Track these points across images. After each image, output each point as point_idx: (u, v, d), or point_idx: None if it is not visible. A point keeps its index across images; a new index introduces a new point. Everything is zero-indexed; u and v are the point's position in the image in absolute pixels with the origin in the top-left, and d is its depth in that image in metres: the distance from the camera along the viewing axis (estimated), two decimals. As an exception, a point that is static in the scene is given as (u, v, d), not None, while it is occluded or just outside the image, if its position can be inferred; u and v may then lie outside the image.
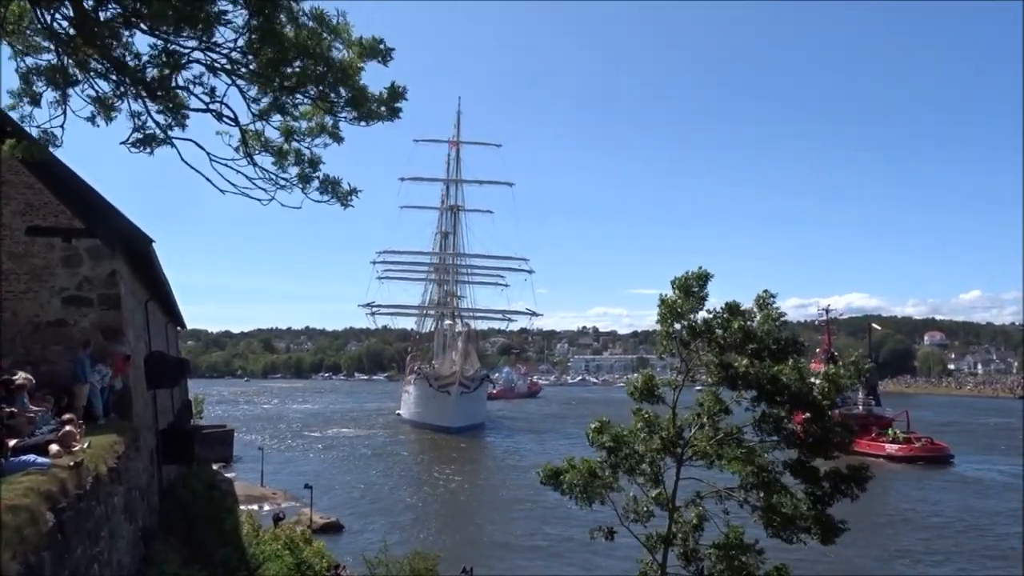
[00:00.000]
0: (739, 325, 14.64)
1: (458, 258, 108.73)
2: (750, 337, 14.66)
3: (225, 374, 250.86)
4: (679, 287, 15.31)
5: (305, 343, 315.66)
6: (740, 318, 14.79)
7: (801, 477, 14.58)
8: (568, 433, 77.16)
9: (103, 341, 14.91)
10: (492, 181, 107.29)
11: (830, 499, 14.36)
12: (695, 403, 15.48)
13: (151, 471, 17.90)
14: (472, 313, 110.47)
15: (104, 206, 14.95)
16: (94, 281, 15.05)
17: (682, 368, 15.75)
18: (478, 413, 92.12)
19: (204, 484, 24.87)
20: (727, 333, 14.81)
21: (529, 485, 48.33)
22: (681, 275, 15.39)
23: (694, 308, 15.21)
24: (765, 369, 14.48)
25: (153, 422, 19.71)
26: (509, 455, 66.24)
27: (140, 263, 17.40)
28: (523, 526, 38.78)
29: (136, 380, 16.73)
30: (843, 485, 14.35)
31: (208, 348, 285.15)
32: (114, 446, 11.18)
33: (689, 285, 15.23)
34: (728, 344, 14.84)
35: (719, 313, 15.07)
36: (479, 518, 41.33)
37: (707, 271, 15.38)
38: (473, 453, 68.93)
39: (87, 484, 8.41)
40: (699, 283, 15.26)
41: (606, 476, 15.42)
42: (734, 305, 15.07)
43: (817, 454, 14.64)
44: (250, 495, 39.35)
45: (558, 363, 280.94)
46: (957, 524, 39.34)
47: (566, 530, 35.62)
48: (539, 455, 60.59)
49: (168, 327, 29.48)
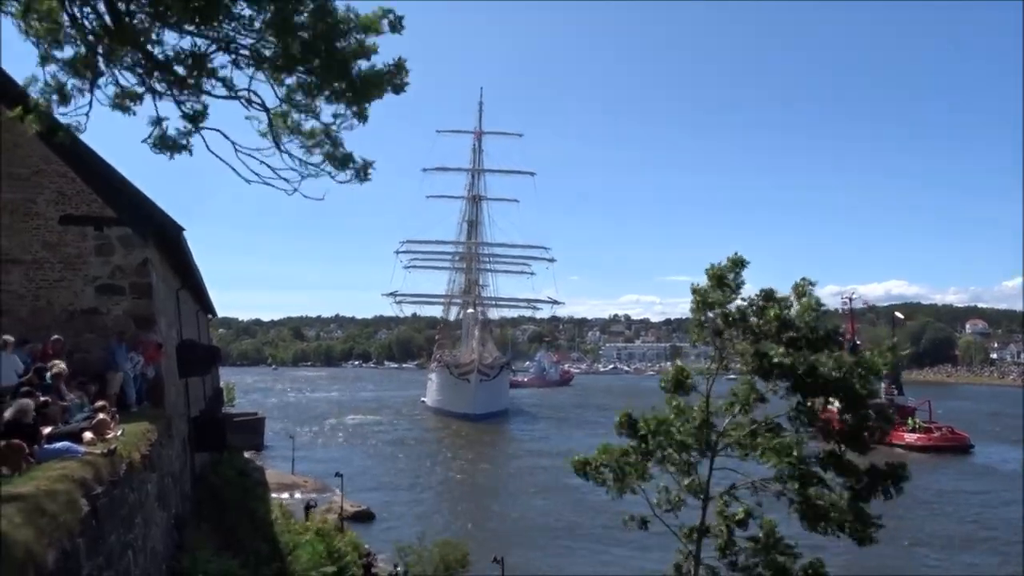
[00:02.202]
0: (775, 313, 14.47)
1: (480, 247, 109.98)
2: (787, 326, 14.48)
3: (256, 362, 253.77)
4: (712, 276, 15.16)
5: (335, 331, 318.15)
6: (776, 306, 14.61)
7: (837, 470, 14.41)
8: (593, 421, 77.37)
9: (135, 329, 15.12)
10: (514, 171, 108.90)
11: (868, 494, 14.17)
12: (729, 393, 15.37)
13: (183, 458, 18.17)
14: (494, 301, 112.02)
15: (135, 194, 15.12)
16: (126, 270, 15.25)
17: (716, 357, 15.63)
18: (499, 400, 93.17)
19: (235, 471, 25.24)
20: (762, 321, 14.65)
21: (553, 473, 48.64)
22: (715, 264, 15.24)
23: (728, 298, 15.06)
24: (801, 359, 14.31)
25: (185, 410, 19.99)
26: (531, 443, 66.50)
27: (171, 251, 17.60)
28: (549, 514, 38.95)
29: (168, 368, 16.95)
30: (881, 481, 14.15)
31: (239, 336, 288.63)
32: (147, 434, 11.34)
33: (723, 274, 15.07)
34: (763, 333, 14.68)
35: (754, 300, 14.91)
36: (504, 506, 41.61)
37: (742, 257, 15.21)
38: (494, 440, 69.36)
39: (121, 471, 8.54)
40: (734, 270, 15.09)
41: (637, 461, 15.37)
42: (769, 292, 14.89)
43: (854, 447, 14.45)
44: (281, 483, 39.85)
45: (589, 351, 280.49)
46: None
47: (593, 518, 35.73)
48: (562, 443, 60.97)
49: (199, 315, 29.85)
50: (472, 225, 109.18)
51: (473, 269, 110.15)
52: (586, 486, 17.36)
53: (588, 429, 69.23)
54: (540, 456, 56.72)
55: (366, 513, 37.15)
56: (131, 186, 15.08)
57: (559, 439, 66.59)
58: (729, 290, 15.08)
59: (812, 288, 15.01)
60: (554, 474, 47.80)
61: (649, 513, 15.65)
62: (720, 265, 15.22)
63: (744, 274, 15.21)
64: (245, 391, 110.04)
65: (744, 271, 15.18)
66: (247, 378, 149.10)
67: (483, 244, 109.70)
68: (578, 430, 70.53)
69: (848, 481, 14.28)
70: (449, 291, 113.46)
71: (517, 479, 49.17)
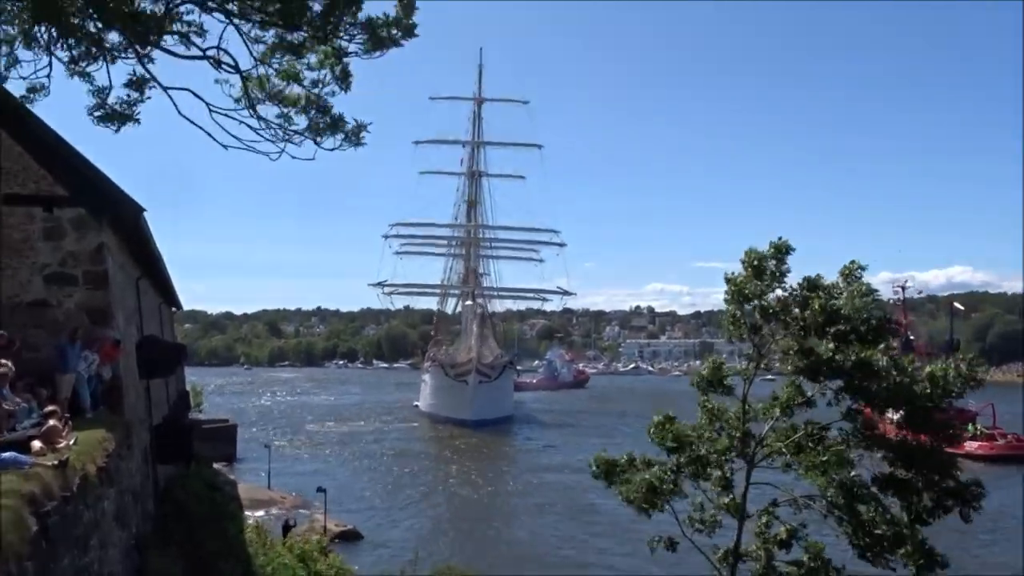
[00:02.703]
0: (820, 304, 14.34)
1: (480, 230, 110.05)
2: (834, 317, 14.36)
3: (227, 361, 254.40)
4: (749, 264, 15.05)
5: (317, 326, 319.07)
6: (821, 295, 14.48)
7: (896, 491, 14.30)
8: (611, 429, 77.57)
9: (90, 324, 15.12)
10: (519, 143, 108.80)
11: (931, 517, 14.04)
12: (769, 396, 15.31)
13: (145, 471, 18.22)
14: (497, 292, 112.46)
15: (90, 171, 15.07)
16: (79, 256, 15.24)
17: (753, 355, 15.55)
18: (502, 405, 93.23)
19: (204, 486, 25.30)
20: (806, 314, 14.54)
21: (561, 489, 48.66)
22: (754, 249, 15.12)
23: (767, 287, 14.96)
24: (851, 355, 14.20)
25: (146, 416, 20.03)
26: (537, 454, 66.66)
27: (130, 236, 17.58)
28: (558, 535, 38.97)
29: (127, 369, 16.98)
30: (948, 501, 14.01)
31: (207, 332, 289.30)
32: (103, 443, 11.36)
33: (762, 263, 14.95)
34: (807, 326, 14.58)
35: (796, 291, 14.80)
36: (506, 525, 41.72)
37: (787, 242, 15.09)
38: (495, 451, 69.45)
39: (74, 486, 8.55)
40: (777, 257, 14.98)
41: (668, 485, 15.34)
42: (814, 280, 14.77)
43: (915, 467, 14.26)
44: (256, 499, 39.98)
45: (607, 348, 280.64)
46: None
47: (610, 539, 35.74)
48: (572, 455, 61.09)
49: (162, 308, 29.89)
50: (471, 205, 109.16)
51: (472, 255, 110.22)
52: (599, 504, 17.37)
53: (604, 438, 69.11)
54: (546, 471, 56.81)
55: (352, 533, 37.24)
56: (85, 161, 15.01)
57: (569, 450, 66.64)
58: (770, 280, 14.97)
59: (862, 272, 14.89)
60: (562, 491, 47.96)
61: (678, 532, 15.66)
62: (760, 251, 15.10)
63: (788, 261, 15.10)
64: (214, 395, 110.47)
65: (788, 258, 15.05)
66: (217, 380, 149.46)
67: (484, 227, 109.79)
68: (592, 440, 70.40)
69: (907, 501, 14.16)
70: (445, 280, 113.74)
71: (521, 496, 49.27)
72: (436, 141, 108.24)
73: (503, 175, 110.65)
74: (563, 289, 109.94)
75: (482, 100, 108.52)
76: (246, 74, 7.67)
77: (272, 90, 7.80)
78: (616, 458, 15.92)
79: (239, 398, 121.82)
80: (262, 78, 7.62)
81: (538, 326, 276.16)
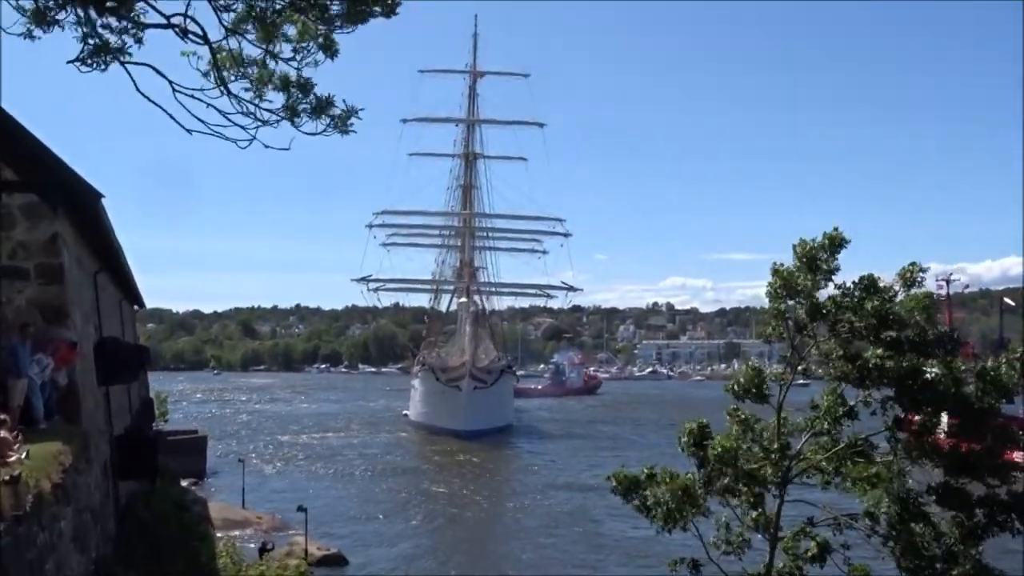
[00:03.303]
0: (874, 306, 14.40)
1: (476, 219, 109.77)
2: (886, 322, 14.41)
3: (195, 365, 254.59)
4: (802, 256, 15.11)
5: (295, 326, 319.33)
6: (877, 297, 14.54)
7: (948, 504, 14.38)
8: (624, 441, 77.77)
9: (43, 324, 15.14)
10: (519, 121, 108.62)
11: (984, 533, 14.15)
12: (805, 404, 15.35)
13: (105, 488, 18.26)
14: (494, 288, 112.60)
15: (42, 153, 15.07)
16: (31, 248, 15.26)
17: (792, 358, 15.58)
18: (500, 414, 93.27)
19: (171, 504, 25.37)
20: (858, 316, 14.58)
21: (564, 507, 48.69)
22: (807, 239, 15.18)
23: (817, 284, 15.03)
24: (904, 363, 14.25)
25: (106, 426, 20.07)
26: (538, 469, 66.49)
27: (87, 225, 17.59)
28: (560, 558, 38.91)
29: (84, 373, 17.01)
30: (1001, 515, 14.11)
31: (173, 332, 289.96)
32: (59, 457, 11.38)
33: (815, 255, 15.01)
34: (857, 330, 14.62)
35: (850, 290, 14.85)
36: (504, 548, 41.77)
37: (841, 234, 15.17)
38: (492, 466, 69.34)
39: (27, 504, 8.57)
40: (830, 250, 15.05)
41: (700, 496, 15.38)
42: (870, 280, 14.82)
43: (972, 475, 14.37)
44: (229, 519, 40.00)
45: (621, 350, 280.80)
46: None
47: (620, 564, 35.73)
48: (577, 469, 61.12)
49: (123, 306, 29.94)
50: (467, 191, 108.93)
51: (467, 247, 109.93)
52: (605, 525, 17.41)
53: (615, 451, 69.18)
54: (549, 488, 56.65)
55: (336, 557, 37.26)
56: (36, 142, 15.01)
57: (574, 464, 66.64)
58: (822, 275, 15.04)
59: (923, 276, 14.98)
60: (566, 510, 48.05)
61: (701, 555, 15.70)
62: (813, 242, 15.16)
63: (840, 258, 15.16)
64: (182, 402, 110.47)
65: (840, 253, 15.11)
66: (184, 386, 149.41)
67: (479, 215, 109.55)
68: (602, 453, 70.41)
69: (959, 516, 14.24)
70: (437, 275, 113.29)
71: (519, 516, 49.14)
72: (426, 119, 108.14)
73: (502, 157, 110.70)
74: (568, 284, 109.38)
75: (478, 73, 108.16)
76: (216, 45, 7.62)
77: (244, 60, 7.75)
78: (637, 474, 15.94)
79: (209, 406, 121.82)
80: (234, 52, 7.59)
81: (544, 326, 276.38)
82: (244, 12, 7.51)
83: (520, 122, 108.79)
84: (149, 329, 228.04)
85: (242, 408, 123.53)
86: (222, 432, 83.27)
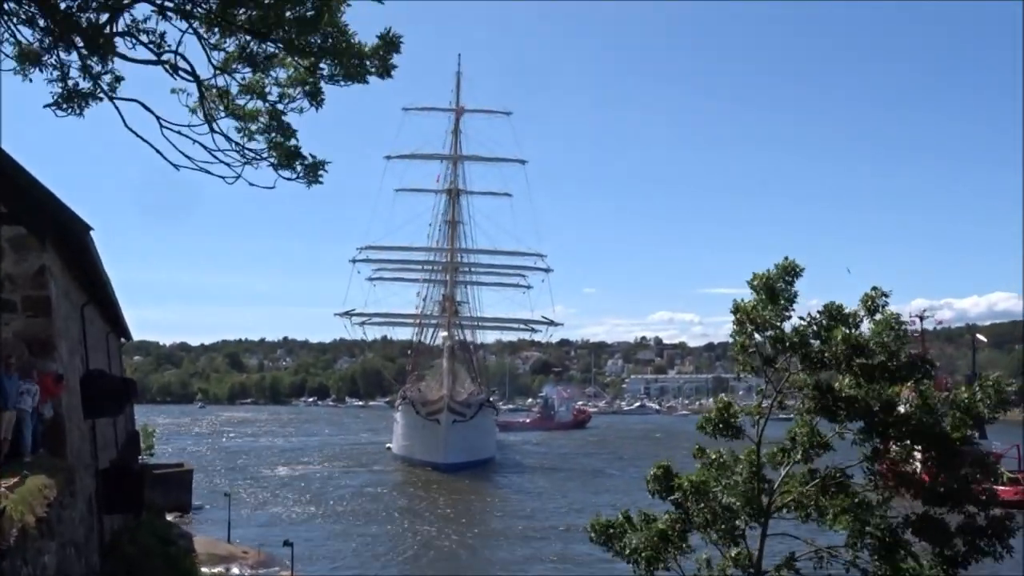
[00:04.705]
0: (843, 335, 14.45)
1: (457, 254, 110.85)
2: (859, 351, 14.46)
3: (182, 398, 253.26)
4: (760, 287, 15.19)
5: (283, 359, 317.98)
6: (844, 325, 14.60)
7: (926, 535, 14.43)
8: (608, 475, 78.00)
9: (29, 356, 15.13)
10: (501, 158, 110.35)
11: (965, 561, 14.22)
12: (785, 437, 15.37)
13: (89, 522, 18.18)
14: (476, 322, 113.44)
15: (31, 185, 15.13)
16: (18, 280, 15.29)
17: (767, 391, 15.62)
18: (480, 447, 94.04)
19: (156, 539, 25.24)
20: (827, 346, 14.64)
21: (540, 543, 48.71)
22: (761, 272, 15.28)
23: (780, 314, 15.07)
24: (875, 393, 14.32)
25: (92, 460, 20.01)
26: (518, 504, 66.19)
27: (75, 257, 17.65)
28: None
29: (70, 407, 16.98)
30: (981, 541, 14.19)
31: (159, 365, 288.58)
32: (44, 490, 11.37)
33: (773, 284, 15.09)
34: (827, 360, 14.68)
35: (815, 319, 14.89)
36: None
37: (795, 263, 15.25)
38: (468, 499, 69.14)
39: (11, 538, 8.57)
40: (786, 280, 15.11)
41: (676, 538, 15.36)
42: (835, 308, 14.86)
43: (946, 504, 14.48)
44: (214, 553, 39.72)
45: (610, 384, 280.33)
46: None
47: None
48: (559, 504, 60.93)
49: (110, 338, 29.90)
50: (452, 226, 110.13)
51: (451, 282, 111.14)
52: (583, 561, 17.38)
53: (599, 485, 69.06)
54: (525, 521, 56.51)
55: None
56: (25, 173, 15.07)
57: (557, 499, 66.43)
58: (782, 305, 15.08)
59: (886, 300, 14.94)
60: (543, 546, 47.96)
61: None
62: (767, 272, 15.23)
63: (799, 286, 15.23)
64: (168, 436, 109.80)
65: (797, 282, 15.18)
66: (171, 419, 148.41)
67: (461, 251, 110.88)
68: (585, 488, 70.26)
69: (939, 547, 14.30)
70: (421, 309, 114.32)
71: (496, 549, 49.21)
72: (410, 156, 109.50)
73: (486, 193, 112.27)
74: (549, 319, 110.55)
75: (461, 111, 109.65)
76: (205, 83, 7.76)
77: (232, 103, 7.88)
78: (612, 520, 15.96)
79: (195, 440, 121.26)
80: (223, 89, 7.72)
81: (532, 360, 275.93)
82: (235, 52, 7.63)
83: (503, 159, 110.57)
84: (135, 362, 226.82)
85: (229, 442, 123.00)
86: (208, 466, 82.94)
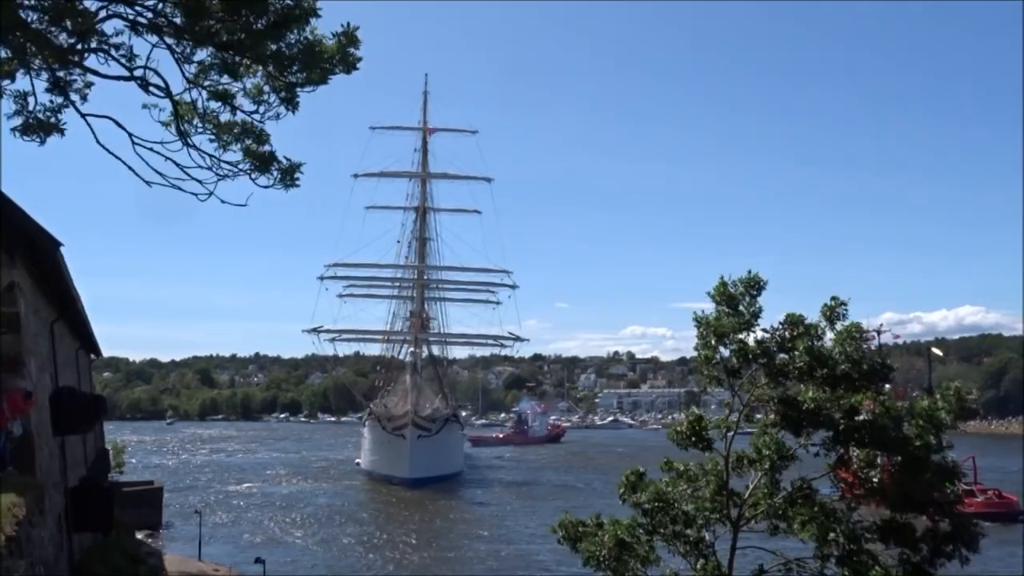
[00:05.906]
0: (805, 346, 14.58)
1: (425, 271, 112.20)
2: (821, 361, 14.57)
3: (152, 415, 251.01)
4: (720, 298, 15.30)
5: (254, 375, 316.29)
6: (806, 336, 14.72)
7: (893, 540, 14.61)
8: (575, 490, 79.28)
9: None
10: (468, 176, 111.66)
11: (930, 566, 14.39)
12: (751, 449, 15.46)
13: (59, 540, 18.04)
14: (442, 338, 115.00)
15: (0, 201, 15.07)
16: (-14, 297, 15.20)
17: (735, 405, 15.70)
18: (446, 461, 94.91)
19: (126, 557, 25.02)
20: (790, 357, 14.76)
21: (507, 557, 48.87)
22: (719, 282, 15.38)
23: (743, 325, 15.17)
24: (838, 402, 14.46)
25: (61, 478, 19.86)
26: (481, 519, 66.30)
27: (45, 273, 17.57)
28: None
29: (40, 424, 16.88)
30: (946, 546, 14.37)
31: (129, 382, 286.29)
32: (12, 508, 11.30)
33: (733, 294, 15.20)
34: (789, 372, 14.80)
35: (777, 330, 15.00)
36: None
37: (758, 276, 15.36)
38: (431, 514, 69.27)
39: (-20, 555, 8.54)
40: (749, 292, 15.22)
41: (642, 546, 15.43)
42: (796, 319, 14.97)
43: (912, 510, 14.67)
44: (185, 571, 39.35)
45: (583, 399, 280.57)
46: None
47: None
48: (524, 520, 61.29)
49: (79, 355, 29.69)
50: (420, 243, 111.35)
51: (420, 298, 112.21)
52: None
53: (567, 500, 69.06)
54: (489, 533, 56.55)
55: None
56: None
57: (522, 515, 66.51)
58: (748, 316, 15.18)
59: (845, 310, 15.09)
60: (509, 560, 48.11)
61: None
62: (729, 280, 15.32)
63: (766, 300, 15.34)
64: (138, 453, 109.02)
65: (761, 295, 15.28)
66: (141, 436, 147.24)
67: (429, 267, 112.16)
68: (552, 503, 70.33)
69: (905, 553, 14.46)
70: (390, 325, 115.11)
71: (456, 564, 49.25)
72: (378, 174, 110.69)
73: (455, 210, 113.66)
74: (515, 335, 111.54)
75: (429, 130, 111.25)
76: (178, 97, 7.80)
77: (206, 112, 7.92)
78: (583, 520, 15.99)
79: (165, 457, 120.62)
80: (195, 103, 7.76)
81: (505, 375, 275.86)
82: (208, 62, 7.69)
83: (470, 177, 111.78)
84: (105, 378, 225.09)
85: (199, 458, 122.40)
86: (178, 483, 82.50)
